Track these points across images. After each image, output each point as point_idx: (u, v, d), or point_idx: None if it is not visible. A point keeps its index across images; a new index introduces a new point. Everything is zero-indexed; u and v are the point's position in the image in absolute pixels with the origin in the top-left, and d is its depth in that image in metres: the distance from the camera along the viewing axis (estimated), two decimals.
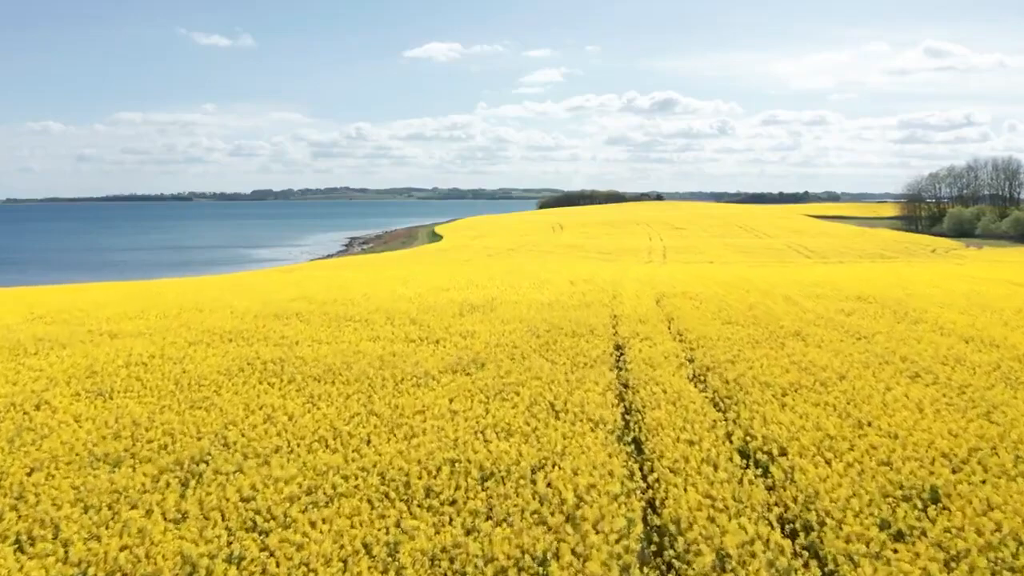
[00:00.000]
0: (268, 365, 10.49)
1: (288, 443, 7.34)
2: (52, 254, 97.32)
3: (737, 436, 7.57)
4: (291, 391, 9.25)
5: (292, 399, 8.86)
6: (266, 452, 7.08)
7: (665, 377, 9.82)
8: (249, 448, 7.19)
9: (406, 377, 9.80)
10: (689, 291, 19.68)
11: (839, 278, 25.14)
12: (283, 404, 8.59)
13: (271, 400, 8.78)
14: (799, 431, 7.56)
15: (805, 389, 9.26)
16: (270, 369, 10.26)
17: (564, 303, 17.00)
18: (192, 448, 7.24)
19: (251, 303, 17.15)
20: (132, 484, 6.43)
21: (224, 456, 7.01)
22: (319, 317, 14.85)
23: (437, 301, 17.36)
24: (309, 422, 7.93)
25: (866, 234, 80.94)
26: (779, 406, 8.58)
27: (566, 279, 23.67)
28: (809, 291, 19.91)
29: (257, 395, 9.04)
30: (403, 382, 9.57)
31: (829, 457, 6.89)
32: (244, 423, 7.97)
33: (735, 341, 12.34)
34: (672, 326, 14.30)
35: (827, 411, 8.34)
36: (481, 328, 13.39)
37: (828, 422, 7.84)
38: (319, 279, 24.09)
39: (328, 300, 17.50)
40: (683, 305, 16.93)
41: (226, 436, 7.52)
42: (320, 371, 10.10)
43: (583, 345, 11.80)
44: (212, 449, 7.25)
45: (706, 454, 6.92)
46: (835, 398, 8.80)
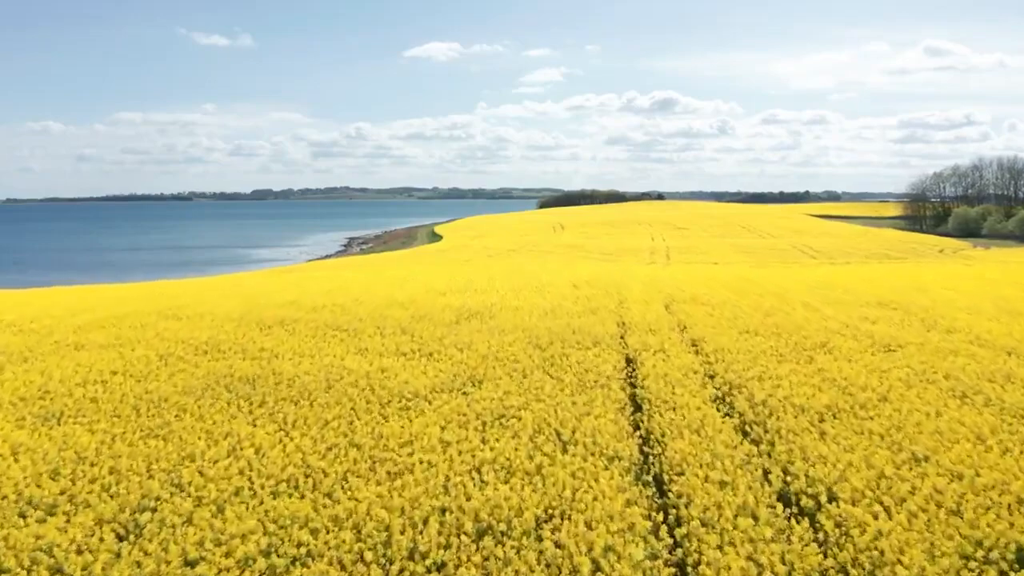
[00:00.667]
0: (240, 384, 9.42)
1: (251, 484, 6.28)
2: (51, 254, 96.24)
3: (775, 475, 6.50)
4: (263, 416, 8.18)
5: (263, 426, 7.80)
6: (224, 497, 6.02)
7: (684, 398, 8.76)
8: (205, 491, 6.13)
9: (394, 399, 8.73)
10: (700, 296, 18.61)
11: (854, 281, 24.07)
12: (251, 433, 7.52)
13: (239, 427, 7.72)
14: (847, 469, 6.49)
15: (844, 413, 8.19)
16: (241, 389, 9.19)
17: (568, 309, 15.93)
18: (139, 490, 6.18)
19: (234, 310, 16.08)
20: (61, 539, 5.38)
21: (174, 502, 5.95)
22: (304, 326, 13.79)
23: (432, 307, 16.29)
24: (278, 456, 6.87)
25: (870, 234, 79.82)
26: (818, 435, 7.52)
27: (569, 282, 22.59)
28: (826, 296, 18.83)
29: (224, 421, 7.98)
30: (390, 404, 8.51)
31: (888, 504, 5.83)
32: (204, 457, 6.91)
33: (757, 354, 11.27)
34: (686, 335, 13.23)
35: (874, 442, 7.28)
36: (479, 339, 12.33)
37: (878, 457, 6.78)
38: (310, 282, 23.03)
39: (316, 306, 16.42)
40: (695, 312, 15.86)
41: (180, 475, 6.45)
42: (298, 392, 9.03)
43: (590, 359, 10.73)
44: (162, 491, 6.19)
45: (742, 500, 5.85)
46: (880, 425, 7.74)
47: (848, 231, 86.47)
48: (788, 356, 11.20)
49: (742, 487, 6.11)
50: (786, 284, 22.08)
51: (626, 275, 26.68)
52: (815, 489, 6.13)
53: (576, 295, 18.82)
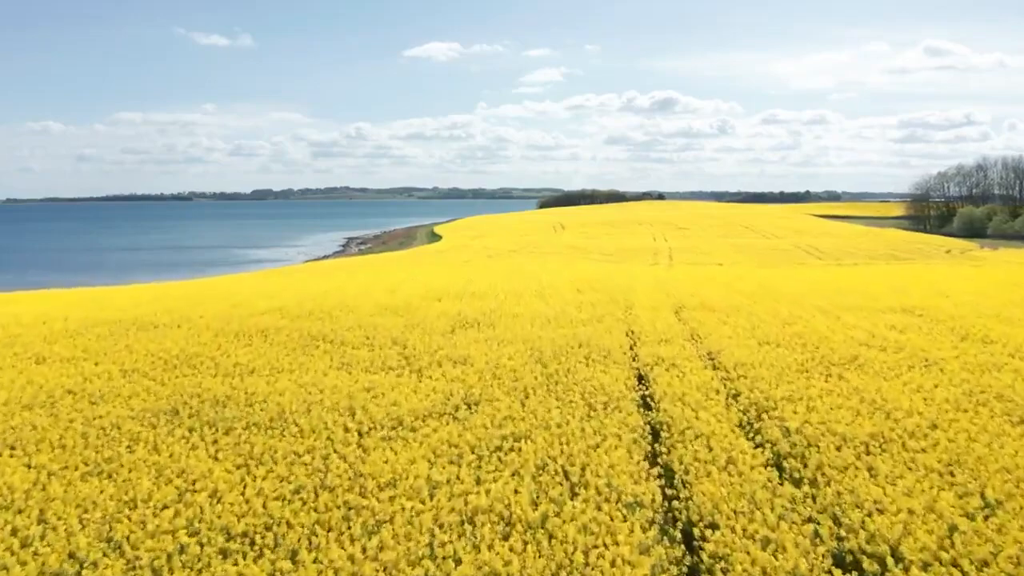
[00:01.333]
0: (208, 407, 8.38)
1: (195, 542, 5.23)
2: (49, 254, 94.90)
3: (826, 528, 5.45)
4: (227, 448, 7.13)
5: (223, 461, 6.75)
6: (161, 561, 4.97)
7: (708, 424, 7.72)
8: (141, 549, 5.09)
9: (377, 425, 7.69)
10: (711, 301, 17.56)
11: (869, 285, 23.02)
12: (209, 470, 6.47)
13: (196, 463, 6.67)
14: (909, 519, 5.45)
15: (892, 444, 7.15)
16: (206, 413, 8.15)
17: (572, 317, 14.88)
18: (64, 547, 5.15)
19: (214, 317, 15.04)
20: None
21: (101, 567, 4.91)
22: (287, 336, 12.75)
23: (427, 315, 15.25)
24: (235, 502, 5.83)
25: (875, 234, 78.66)
26: (867, 472, 6.48)
27: (572, 286, 21.55)
28: (844, 302, 17.78)
29: (181, 454, 6.94)
30: (373, 432, 7.47)
31: (968, 570, 4.79)
32: (149, 502, 5.87)
33: (781, 369, 10.23)
34: (700, 347, 12.19)
35: (933, 481, 6.23)
36: (476, 351, 11.28)
37: (944, 501, 5.74)
38: (299, 287, 21.99)
39: (303, 313, 15.38)
40: (708, 320, 14.81)
41: (112, 531, 5.41)
42: (270, 416, 7.99)
43: (599, 376, 9.67)
44: (91, 550, 5.15)
45: (792, 565, 4.82)
46: (936, 459, 6.69)
47: (851, 231, 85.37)
48: (816, 372, 10.15)
49: (789, 546, 5.06)
50: (799, 288, 21.03)
51: (631, 278, 25.63)
52: (877, 548, 5.10)
53: (580, 300, 17.79)
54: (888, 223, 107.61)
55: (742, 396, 9.07)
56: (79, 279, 53.87)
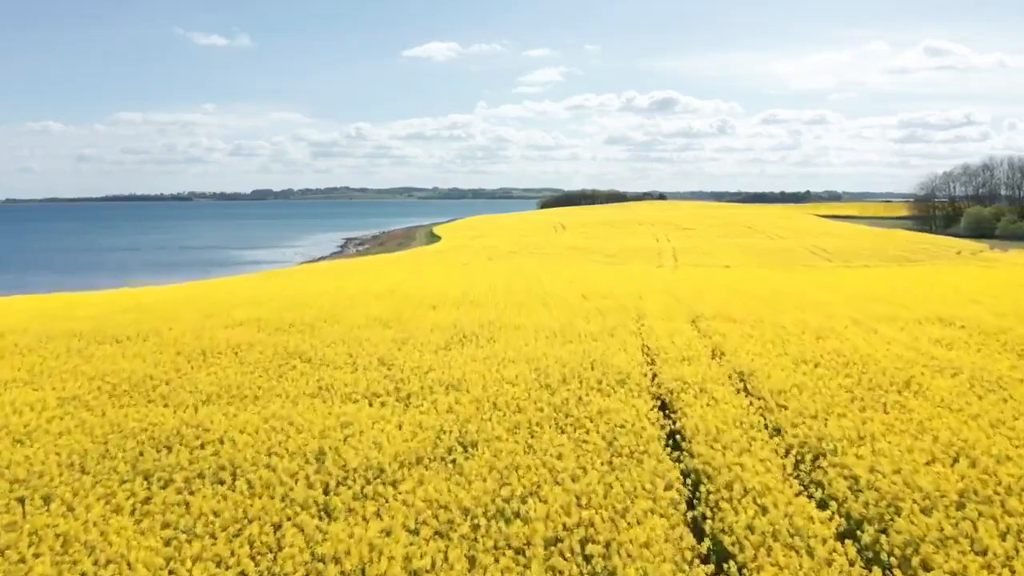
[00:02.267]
0: (146, 450, 6.95)
1: None
2: (49, 255, 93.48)
3: None
4: (155, 512, 5.69)
5: (149, 534, 5.32)
6: None
7: (755, 474, 6.30)
8: None
9: (351, 476, 6.27)
10: (729, 310, 16.12)
11: (893, 290, 21.58)
12: (124, 550, 5.03)
13: (112, 535, 5.24)
14: None
15: (992, 506, 5.71)
16: (146, 459, 6.71)
17: (580, 329, 13.46)
18: None
19: (185, 329, 13.61)
20: None
21: None
22: (260, 353, 11.31)
23: (420, 326, 13.83)
24: None
25: (882, 235, 77.12)
26: (968, 547, 5.06)
27: (577, 292, 20.13)
28: (875, 311, 16.36)
29: (96, 521, 5.50)
30: (342, 489, 6.03)
31: None
32: None
33: (828, 397, 8.80)
34: (727, 365, 10.76)
35: None
36: (473, 373, 9.85)
37: None
38: (285, 292, 20.56)
39: (282, 325, 13.95)
40: (730, 332, 13.38)
41: None
42: (220, 463, 6.56)
43: (617, 407, 8.24)
44: None
45: None
46: None
47: (857, 232, 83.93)
48: (869, 401, 8.71)
49: None
50: (823, 295, 19.59)
51: (639, 283, 24.19)
52: None
53: (587, 309, 16.36)
54: (892, 223, 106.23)
55: (787, 433, 7.64)
56: (76, 280, 53.38)
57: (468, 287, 21.67)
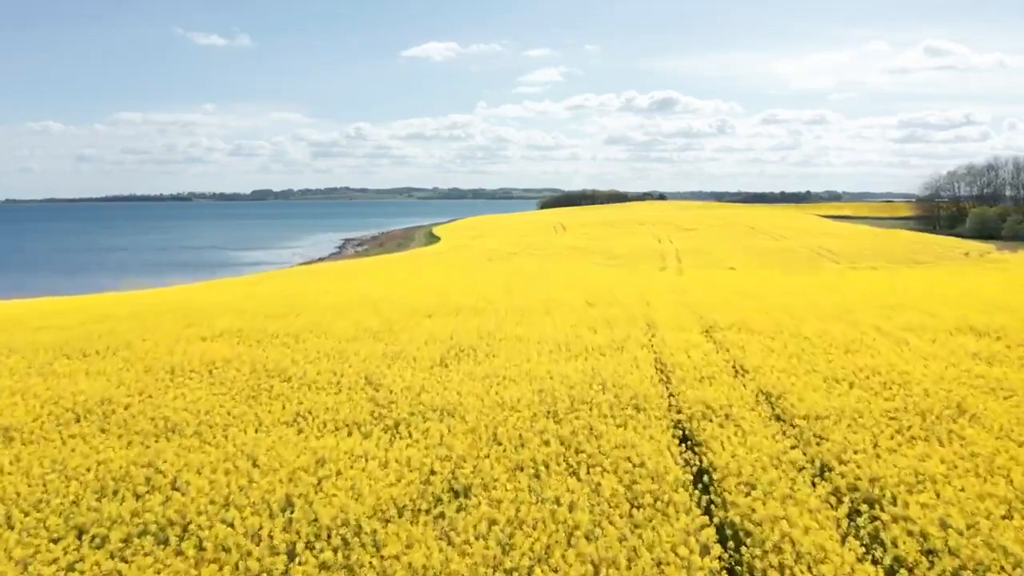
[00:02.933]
0: (87, 495, 5.92)
1: None
2: (48, 255, 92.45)
3: None
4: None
5: None
6: None
7: (802, 530, 5.28)
8: None
9: (321, 535, 5.24)
10: (745, 318, 15.09)
11: (915, 296, 20.53)
12: None
13: None
14: None
15: None
16: (83, 509, 5.68)
17: (586, 342, 12.43)
18: None
19: (160, 341, 12.59)
20: None
21: None
22: (237, 370, 10.28)
23: (413, 338, 12.81)
24: None
25: (888, 236, 76.04)
26: None
27: (582, 298, 19.09)
28: (900, 319, 15.33)
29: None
30: (309, 555, 5.00)
31: None
32: None
33: (872, 426, 7.77)
34: (752, 385, 9.73)
35: None
36: (469, 394, 8.83)
37: None
38: (275, 297, 19.53)
39: (265, 336, 12.92)
40: (750, 345, 12.35)
41: None
42: (168, 516, 5.53)
43: (634, 439, 7.21)
44: None
45: None
46: None
47: (862, 232, 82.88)
48: (920, 431, 7.67)
49: None
50: (841, 301, 18.54)
51: (645, 288, 23.16)
52: None
53: (593, 318, 15.32)
54: (895, 223, 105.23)
55: (833, 473, 6.61)
56: (73, 281, 52.91)
57: (466, 292, 20.65)
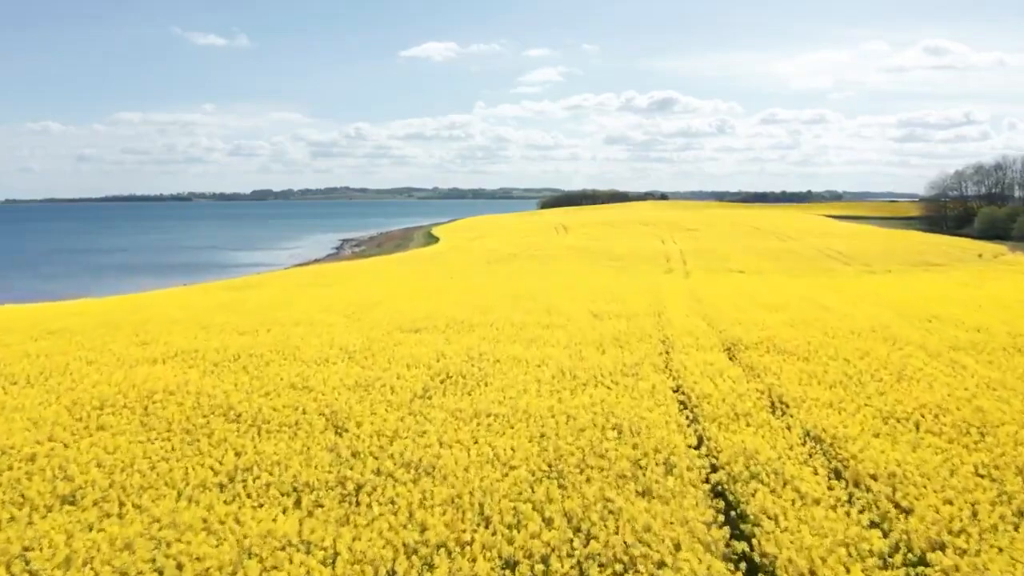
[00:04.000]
0: None
1: None
2: (40, 256, 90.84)
3: None
4: None
5: None
6: None
7: None
8: None
9: None
10: (771, 336, 13.37)
11: (948, 305, 18.81)
12: None
13: None
14: None
15: None
16: None
17: (594, 366, 10.72)
18: None
19: (104, 363, 10.89)
20: None
21: None
22: (177, 407, 8.57)
23: (394, 359, 11.11)
24: None
25: (897, 236, 74.24)
26: None
27: (586, 308, 17.38)
28: (946, 335, 13.62)
29: None
30: None
31: None
32: None
33: (964, 490, 6.07)
34: (796, 428, 8.00)
35: None
36: (454, 442, 7.14)
37: None
38: (249, 308, 17.81)
39: (226, 358, 11.22)
40: (783, 371, 10.63)
41: None
42: None
43: (660, 518, 5.50)
44: None
45: None
46: None
47: (869, 233, 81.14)
48: None
49: None
50: (876, 313, 16.80)
51: (654, 295, 21.43)
52: None
53: (601, 333, 13.61)
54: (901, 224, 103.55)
55: (934, 570, 4.91)
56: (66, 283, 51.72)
57: (460, 302, 18.96)
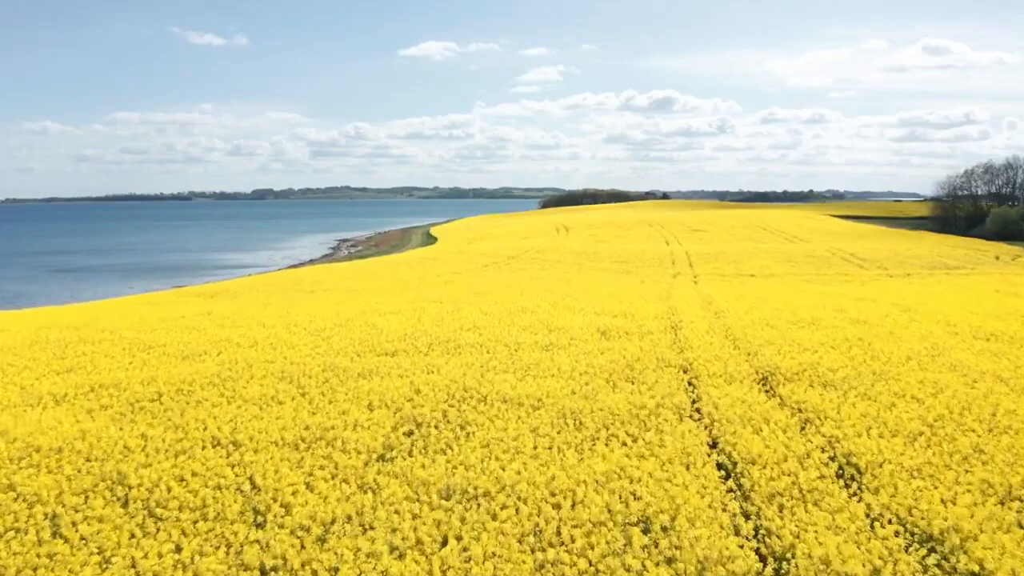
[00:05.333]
0: None
1: None
2: (37, 258, 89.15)
3: None
4: None
5: None
6: None
7: None
8: None
9: None
10: (812, 363, 11.20)
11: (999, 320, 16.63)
12: None
13: None
14: None
15: None
16: None
17: (603, 407, 8.55)
18: None
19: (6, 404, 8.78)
20: None
21: None
22: (50, 480, 6.43)
23: (355, 396, 8.96)
24: None
25: (911, 238, 71.97)
26: None
27: (591, 323, 15.22)
28: (1013, 355, 11.46)
29: None
30: None
31: None
32: None
33: None
34: (882, 508, 5.86)
35: None
36: (411, 550, 5.00)
37: None
38: (204, 325, 15.62)
39: (143, 397, 9.07)
40: (840, 412, 8.46)
41: None
42: None
43: None
44: None
45: None
46: None
47: (882, 234, 78.90)
48: None
49: None
50: (927, 332, 14.59)
51: (666, 306, 19.22)
52: None
53: (610, 360, 11.43)
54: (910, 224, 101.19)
55: None
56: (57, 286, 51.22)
57: (447, 316, 16.78)
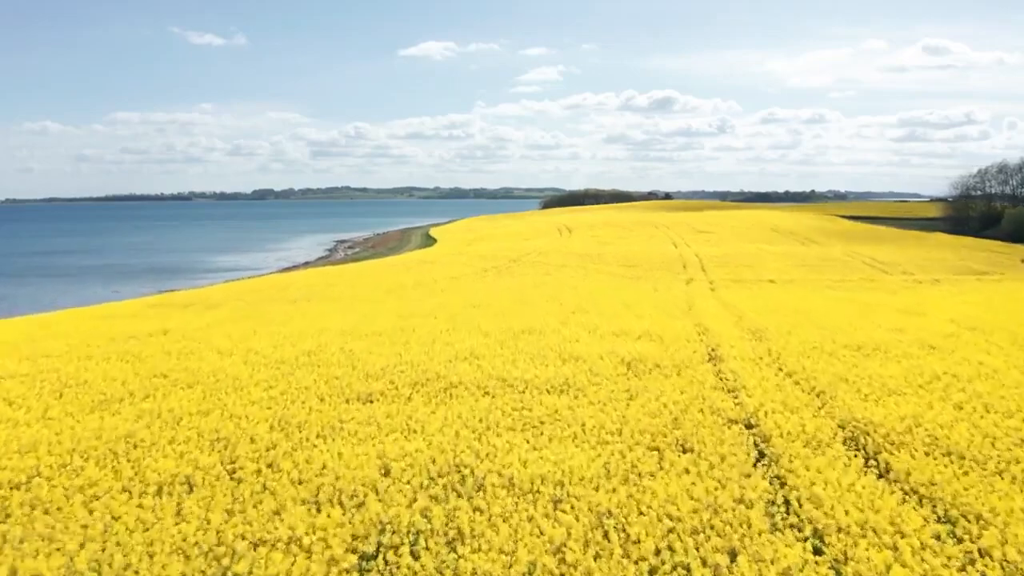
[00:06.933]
0: None
1: None
2: (32, 260, 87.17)
3: None
4: None
5: None
6: None
7: None
8: None
9: None
10: (914, 415, 8.62)
11: None
12: None
13: None
14: None
15: None
16: None
17: (653, 503, 5.98)
18: None
19: None
20: None
21: None
22: None
23: (301, 478, 6.40)
24: None
25: (931, 240, 69.27)
26: None
27: (611, 348, 12.62)
28: None
29: None
30: None
31: None
32: None
33: None
34: None
35: None
36: None
37: None
38: (147, 351, 13.03)
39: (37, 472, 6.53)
40: (997, 515, 5.90)
41: None
42: None
43: None
44: None
45: None
46: None
47: (898, 236, 76.12)
48: None
49: None
50: (1014, 357, 11.98)
51: (697, 324, 16.54)
52: None
53: (647, 410, 8.83)
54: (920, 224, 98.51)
55: None
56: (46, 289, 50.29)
57: (438, 337, 14.19)
